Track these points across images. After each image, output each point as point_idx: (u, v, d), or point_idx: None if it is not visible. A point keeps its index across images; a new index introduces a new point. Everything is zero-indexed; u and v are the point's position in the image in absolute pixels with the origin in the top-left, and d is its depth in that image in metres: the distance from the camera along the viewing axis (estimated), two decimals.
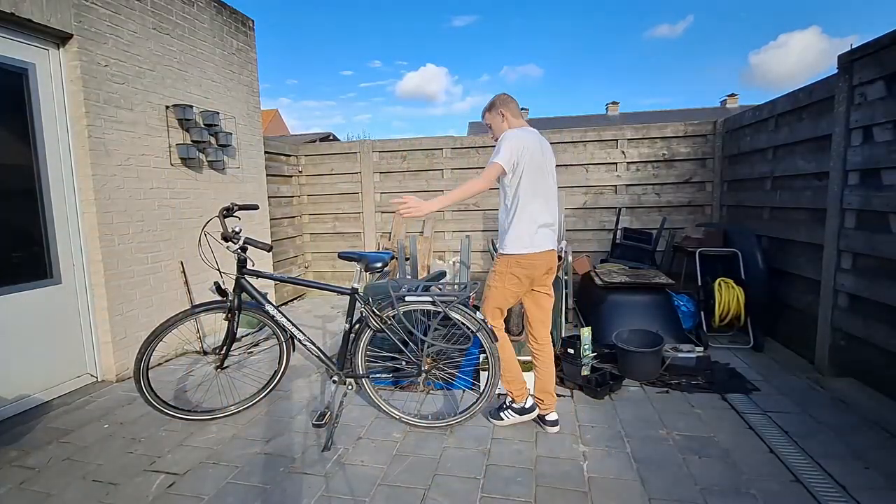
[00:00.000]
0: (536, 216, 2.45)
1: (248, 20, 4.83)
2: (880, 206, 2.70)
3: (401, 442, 2.49)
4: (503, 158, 2.38)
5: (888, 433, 2.41)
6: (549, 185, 2.54)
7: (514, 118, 2.57)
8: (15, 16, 2.74)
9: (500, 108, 2.57)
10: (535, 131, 2.57)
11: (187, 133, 3.96)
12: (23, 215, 2.96)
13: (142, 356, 2.48)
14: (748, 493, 2.00)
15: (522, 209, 2.45)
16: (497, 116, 2.58)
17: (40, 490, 2.14)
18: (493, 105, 2.59)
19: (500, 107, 2.57)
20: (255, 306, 2.72)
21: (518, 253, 2.44)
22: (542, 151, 2.49)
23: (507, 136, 2.43)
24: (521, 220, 2.45)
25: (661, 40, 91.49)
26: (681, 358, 3.30)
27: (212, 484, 2.16)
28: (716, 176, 5.10)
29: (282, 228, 5.82)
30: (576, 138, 5.45)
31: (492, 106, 2.60)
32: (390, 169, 5.99)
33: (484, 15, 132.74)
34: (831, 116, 3.10)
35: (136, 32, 3.52)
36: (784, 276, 3.71)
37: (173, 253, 3.86)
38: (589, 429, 2.58)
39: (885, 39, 2.65)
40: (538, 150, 2.46)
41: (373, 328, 2.59)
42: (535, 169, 2.43)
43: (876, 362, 2.78)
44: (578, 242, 5.45)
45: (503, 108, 2.57)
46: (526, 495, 2.03)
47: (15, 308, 2.87)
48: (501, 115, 2.57)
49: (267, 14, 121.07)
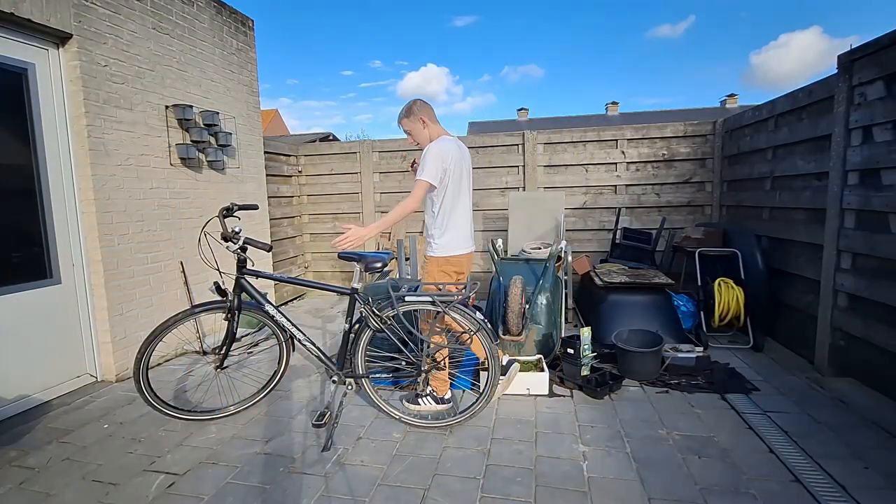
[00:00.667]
0: (460, 222, 2.69)
1: (248, 20, 4.83)
2: (880, 206, 2.70)
3: (400, 442, 2.49)
4: (430, 175, 2.51)
5: (888, 433, 2.41)
6: (469, 191, 2.76)
7: (433, 123, 2.66)
8: (14, 16, 2.74)
9: (419, 115, 2.62)
10: (453, 138, 2.69)
11: (187, 133, 3.96)
12: (22, 215, 2.96)
13: (141, 356, 2.48)
14: (748, 492, 2.00)
15: (449, 217, 2.64)
16: (417, 123, 2.64)
17: (40, 490, 2.14)
18: (410, 111, 2.64)
19: (420, 113, 2.62)
20: (254, 306, 2.72)
21: (450, 255, 2.67)
22: (461, 158, 2.65)
23: (430, 152, 2.53)
24: (448, 227, 2.65)
25: (663, 40, 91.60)
26: (680, 358, 3.30)
27: (211, 484, 2.16)
28: (715, 176, 5.10)
29: (281, 228, 5.82)
30: (575, 138, 5.45)
31: (409, 112, 2.64)
32: (390, 169, 5.99)
33: (484, 15, 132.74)
34: (831, 116, 3.10)
35: (136, 32, 3.52)
36: (784, 276, 3.71)
37: (173, 253, 3.86)
38: (589, 429, 2.58)
39: (885, 40, 2.65)
40: (458, 158, 2.61)
41: (372, 328, 2.58)
42: (457, 179, 2.62)
43: (876, 362, 2.78)
44: (578, 242, 5.45)
45: (422, 114, 2.63)
46: (526, 495, 2.03)
47: (15, 308, 2.87)
48: (422, 121, 2.63)
49: (267, 14, 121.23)
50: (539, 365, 3.17)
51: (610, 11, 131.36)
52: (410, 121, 2.66)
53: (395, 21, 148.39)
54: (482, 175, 5.74)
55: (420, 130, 2.65)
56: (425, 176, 2.50)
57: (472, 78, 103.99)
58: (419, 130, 2.65)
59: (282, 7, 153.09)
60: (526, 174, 5.56)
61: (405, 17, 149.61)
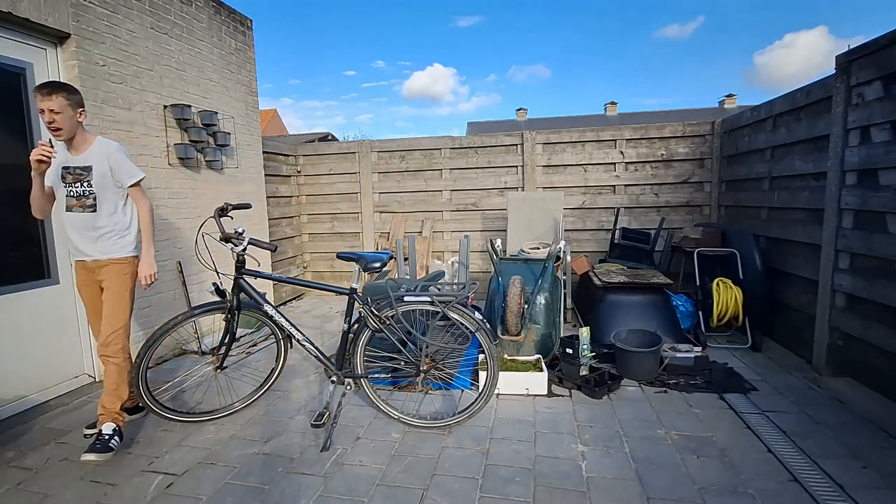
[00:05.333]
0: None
1: (247, 20, 4.82)
2: (878, 206, 2.70)
3: (399, 442, 2.49)
4: (139, 171, 2.51)
5: (886, 432, 2.42)
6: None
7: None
8: (13, 15, 2.73)
9: (83, 113, 2.41)
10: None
11: (185, 133, 3.95)
12: (20, 215, 2.95)
13: (140, 360, 2.46)
14: (746, 492, 2.00)
15: (135, 213, 2.57)
16: (83, 119, 2.42)
17: (38, 491, 2.13)
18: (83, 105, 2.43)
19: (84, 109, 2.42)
20: (253, 306, 2.71)
21: (137, 254, 2.58)
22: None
23: (121, 150, 2.49)
24: (134, 223, 2.58)
25: (669, 41, 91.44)
26: (679, 358, 3.31)
27: (210, 484, 2.16)
28: (714, 176, 5.11)
29: (280, 228, 5.81)
30: (574, 138, 5.46)
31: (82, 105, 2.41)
32: (389, 169, 5.99)
33: (488, 15, 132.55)
34: (829, 117, 3.11)
35: (134, 32, 3.51)
36: (782, 276, 3.71)
37: (172, 253, 3.86)
38: (587, 429, 2.58)
39: (883, 40, 2.65)
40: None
41: (371, 328, 2.58)
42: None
43: (874, 362, 2.79)
44: (577, 242, 5.46)
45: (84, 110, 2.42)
46: (525, 495, 2.03)
47: (12, 308, 2.86)
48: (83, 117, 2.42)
49: (269, 15, 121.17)
50: (538, 365, 3.17)
51: (619, 12, 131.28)
52: (81, 115, 2.41)
53: (398, 22, 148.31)
54: (481, 175, 5.75)
55: (82, 130, 2.43)
56: (139, 174, 2.50)
57: (479, 78, 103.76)
58: (81, 129, 2.42)
59: (283, 7, 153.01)
60: (525, 174, 5.57)
61: (409, 18, 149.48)
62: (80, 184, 2.41)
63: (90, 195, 2.42)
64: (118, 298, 2.46)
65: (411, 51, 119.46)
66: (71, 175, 2.40)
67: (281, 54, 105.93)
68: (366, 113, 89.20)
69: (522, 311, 3.32)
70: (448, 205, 5.86)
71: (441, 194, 5.88)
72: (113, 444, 2.31)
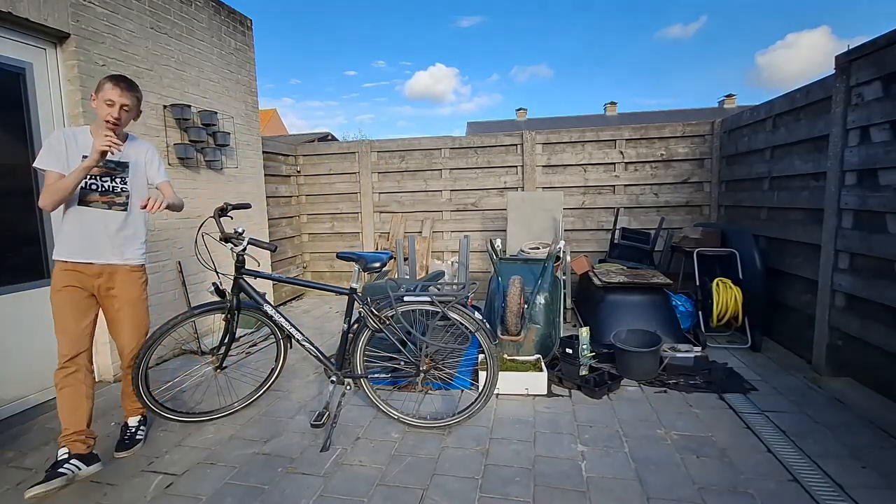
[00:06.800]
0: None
1: (247, 20, 4.82)
2: (877, 206, 2.70)
3: (399, 442, 2.49)
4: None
5: (885, 432, 2.42)
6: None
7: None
8: (12, 15, 2.73)
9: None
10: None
11: (185, 133, 3.95)
12: (20, 215, 2.95)
13: (140, 361, 2.46)
14: (746, 492, 2.00)
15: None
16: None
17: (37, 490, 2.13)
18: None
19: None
20: (253, 306, 2.71)
21: (145, 262, 2.53)
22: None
23: (154, 148, 2.47)
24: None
25: (671, 41, 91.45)
26: (679, 358, 3.31)
27: (210, 484, 2.16)
28: (714, 176, 5.11)
29: (280, 228, 5.81)
30: (574, 138, 5.46)
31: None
32: (389, 169, 5.99)
33: (490, 16, 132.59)
34: (829, 117, 3.11)
35: (134, 32, 3.51)
36: (781, 275, 3.72)
37: (172, 253, 3.85)
38: (587, 428, 2.58)
39: (882, 40, 2.65)
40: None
41: (371, 328, 2.58)
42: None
43: (873, 362, 2.79)
44: (577, 242, 5.46)
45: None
46: (524, 495, 2.03)
47: (11, 308, 2.86)
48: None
49: (270, 15, 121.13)
50: (538, 365, 3.17)
51: (623, 12, 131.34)
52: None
53: (400, 22, 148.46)
54: (481, 175, 5.75)
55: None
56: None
57: (481, 78, 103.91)
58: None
59: (285, 7, 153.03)
60: (525, 174, 5.57)
61: (410, 18, 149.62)
62: (110, 178, 2.28)
63: (122, 192, 2.31)
64: (140, 306, 2.45)
65: (413, 51, 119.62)
66: (98, 168, 2.20)
67: (282, 54, 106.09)
68: (367, 113, 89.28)
69: (522, 311, 3.32)
70: (448, 205, 5.86)
71: (441, 194, 5.88)
72: (140, 435, 2.52)
